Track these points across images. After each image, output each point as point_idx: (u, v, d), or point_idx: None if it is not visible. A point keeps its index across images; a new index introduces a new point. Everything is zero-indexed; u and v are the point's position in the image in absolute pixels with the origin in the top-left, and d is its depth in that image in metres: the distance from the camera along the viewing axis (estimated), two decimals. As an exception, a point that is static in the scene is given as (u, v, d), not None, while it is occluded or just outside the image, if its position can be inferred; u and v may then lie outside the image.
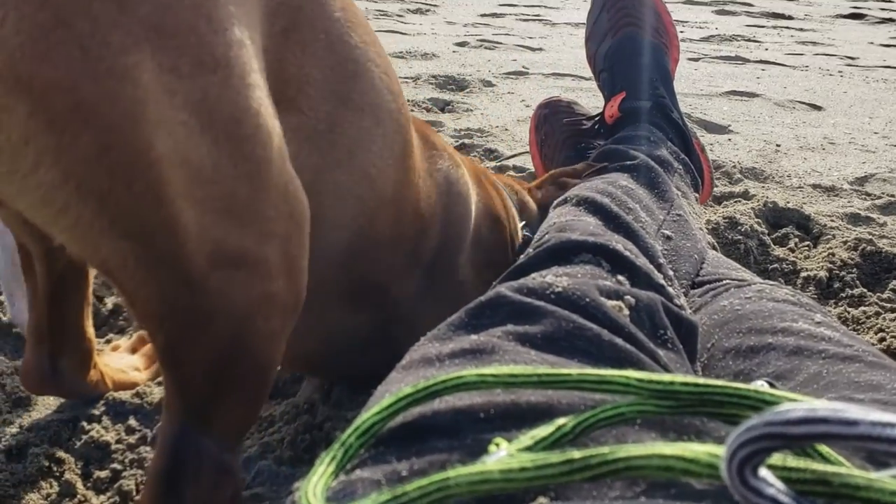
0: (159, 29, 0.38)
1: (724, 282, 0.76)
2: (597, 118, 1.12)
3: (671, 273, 0.66)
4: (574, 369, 0.34)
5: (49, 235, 0.41)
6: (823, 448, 0.32)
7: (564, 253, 0.59)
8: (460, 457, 0.33)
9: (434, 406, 0.36)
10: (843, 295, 1.09)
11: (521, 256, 0.63)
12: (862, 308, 1.04)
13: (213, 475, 0.47)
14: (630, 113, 1.02)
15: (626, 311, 0.50)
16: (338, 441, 0.35)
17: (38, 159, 0.37)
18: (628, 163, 0.87)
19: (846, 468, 0.24)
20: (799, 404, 0.22)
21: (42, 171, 0.38)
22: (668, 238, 0.76)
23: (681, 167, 0.93)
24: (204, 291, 0.43)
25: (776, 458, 0.24)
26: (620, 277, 0.55)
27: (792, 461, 0.24)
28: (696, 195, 0.95)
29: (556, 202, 0.80)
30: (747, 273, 0.84)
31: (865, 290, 1.09)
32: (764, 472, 0.23)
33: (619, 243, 0.61)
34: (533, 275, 0.53)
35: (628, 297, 0.51)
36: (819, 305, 0.72)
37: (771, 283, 0.76)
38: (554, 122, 1.17)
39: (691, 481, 0.31)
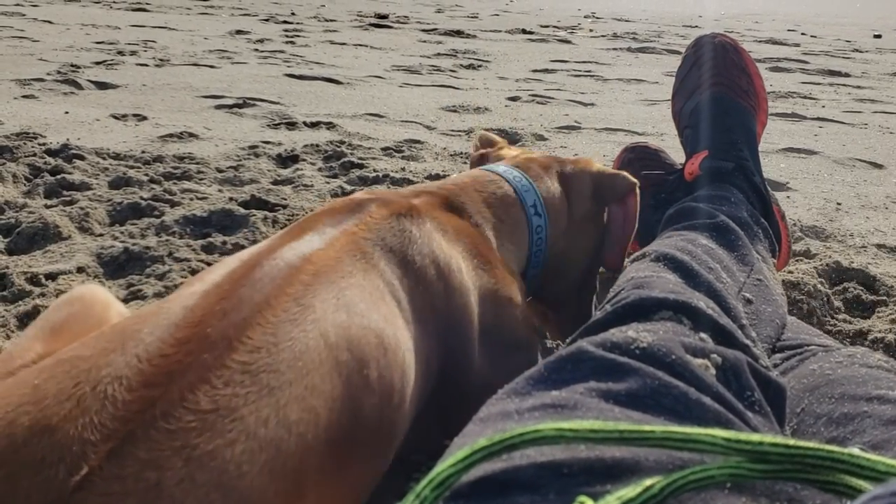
0: None
1: (810, 347, 0.73)
2: (676, 173, 1.10)
3: (754, 335, 0.63)
4: (658, 426, 0.34)
5: None
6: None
7: (643, 310, 0.57)
8: (543, 513, 0.32)
9: (515, 460, 0.35)
10: (915, 359, 1.05)
11: (597, 312, 0.62)
12: (936, 374, 1.00)
13: None
14: (711, 172, 0.99)
15: (713, 370, 0.48)
16: (412, 493, 0.34)
17: None
18: (708, 222, 0.84)
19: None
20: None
21: None
22: (749, 301, 0.73)
23: (760, 231, 0.90)
24: None
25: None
26: (703, 335, 0.53)
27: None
28: (774, 261, 0.91)
29: (633, 256, 0.78)
30: (831, 340, 0.80)
31: (939, 355, 1.04)
32: (884, 544, 0.22)
33: (702, 301, 0.59)
34: (613, 330, 0.52)
35: (714, 355, 0.50)
36: None
37: (861, 348, 0.73)
38: (637, 168, 1.14)
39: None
